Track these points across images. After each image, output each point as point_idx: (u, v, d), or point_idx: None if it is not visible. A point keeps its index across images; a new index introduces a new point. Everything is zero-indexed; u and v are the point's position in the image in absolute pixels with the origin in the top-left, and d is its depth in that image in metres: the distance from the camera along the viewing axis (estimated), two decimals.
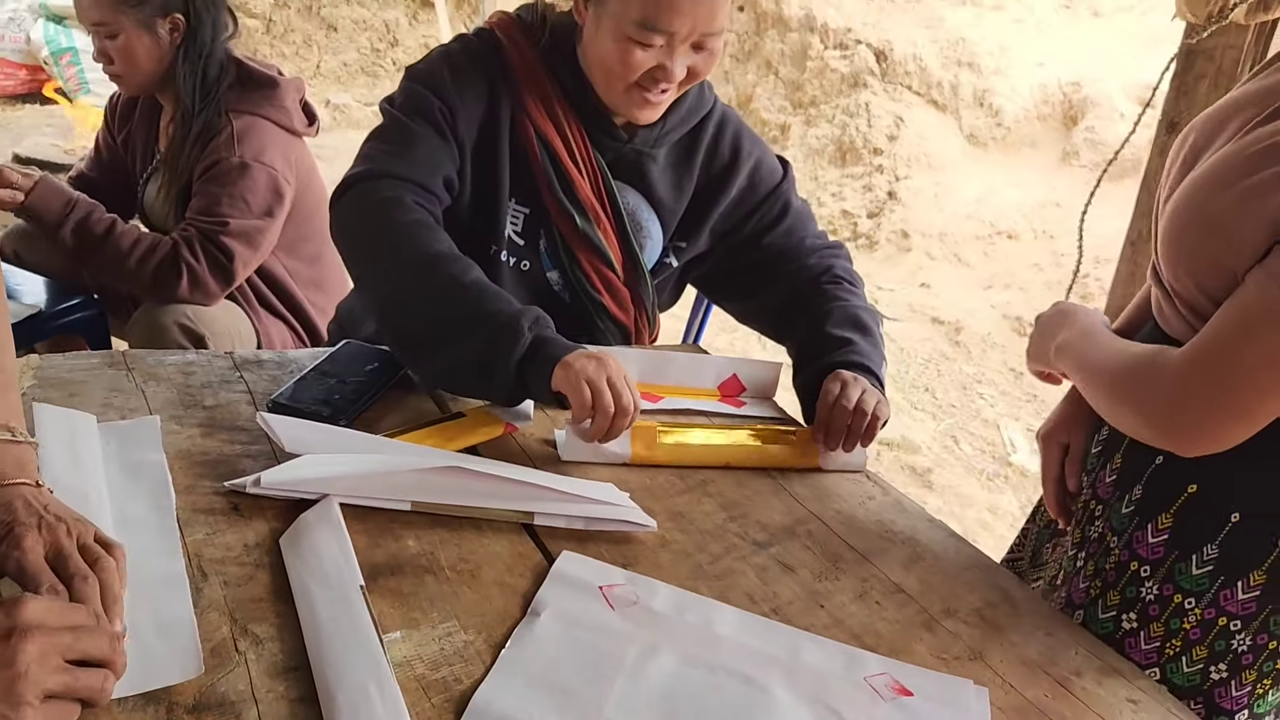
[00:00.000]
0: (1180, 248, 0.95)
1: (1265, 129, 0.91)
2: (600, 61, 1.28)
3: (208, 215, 1.82)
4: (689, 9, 1.20)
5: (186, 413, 1.09)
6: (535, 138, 1.33)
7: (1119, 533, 1.07)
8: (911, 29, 5.51)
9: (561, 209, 1.35)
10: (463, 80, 1.31)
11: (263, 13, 5.90)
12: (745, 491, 1.14)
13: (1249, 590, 0.99)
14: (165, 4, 1.85)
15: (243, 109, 1.87)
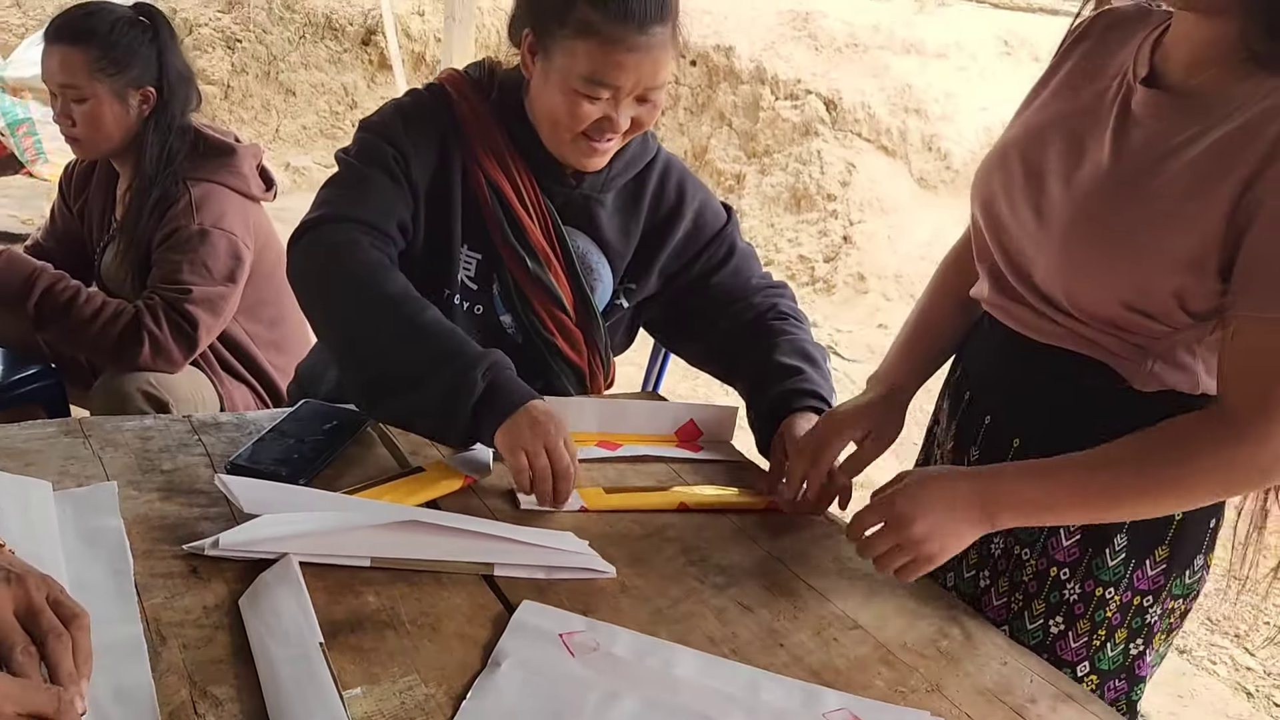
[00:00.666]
0: (1099, 267, 1.00)
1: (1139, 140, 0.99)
2: (547, 112, 1.32)
3: (170, 283, 1.83)
4: (633, 66, 1.25)
5: (144, 477, 1.09)
6: (486, 185, 1.37)
7: (1029, 544, 1.12)
8: (859, 78, 5.65)
9: (513, 253, 1.38)
10: (415, 130, 1.35)
11: (220, 79, 5.93)
12: (705, 535, 1.16)
13: (1156, 566, 1.08)
14: (140, 76, 1.87)
15: (200, 176, 1.89)
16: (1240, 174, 0.91)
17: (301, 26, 6.19)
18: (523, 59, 1.34)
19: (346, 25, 6.27)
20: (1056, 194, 1.04)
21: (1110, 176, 1.00)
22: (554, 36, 1.28)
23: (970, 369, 1.20)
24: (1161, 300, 0.98)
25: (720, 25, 6.08)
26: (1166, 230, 0.95)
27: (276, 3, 6.16)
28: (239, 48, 6.02)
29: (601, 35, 1.24)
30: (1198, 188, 0.93)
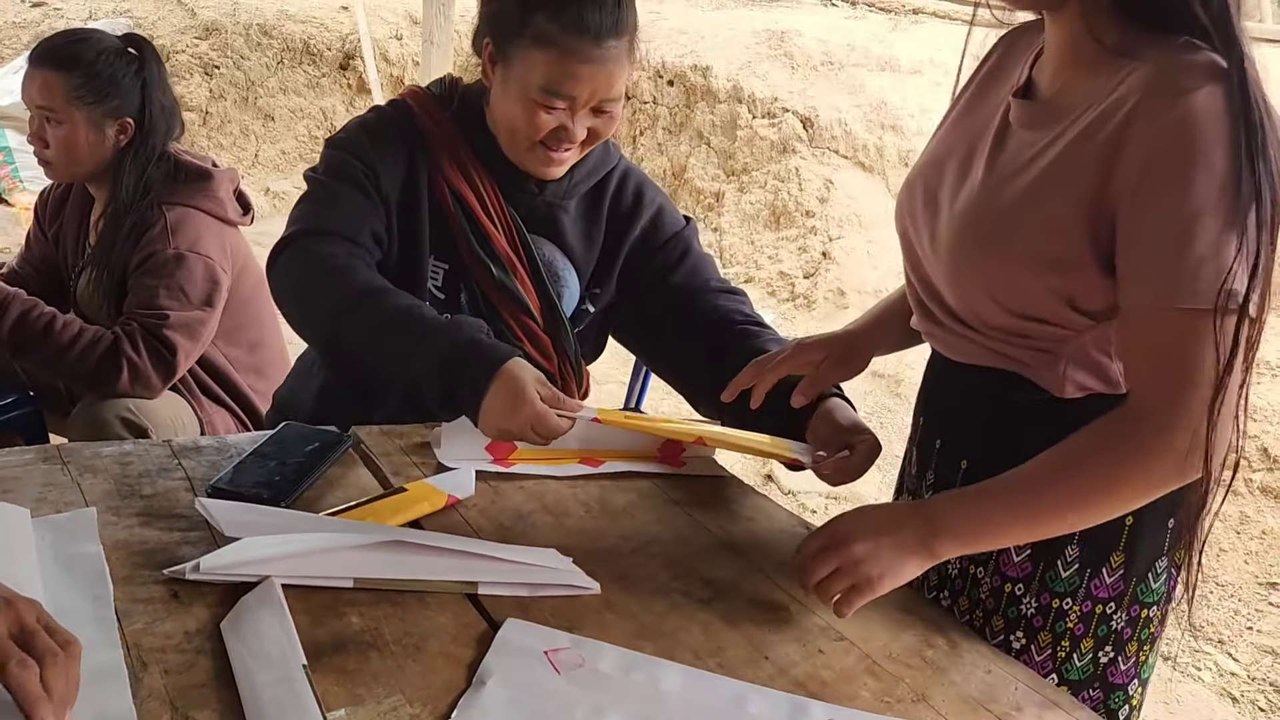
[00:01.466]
0: (978, 277, 1.02)
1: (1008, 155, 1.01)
2: (506, 121, 1.35)
3: (147, 308, 1.82)
4: (588, 77, 1.29)
5: (124, 503, 1.08)
6: (451, 195, 1.39)
7: (981, 563, 1.12)
8: (835, 95, 5.69)
9: (479, 261, 1.40)
10: (381, 143, 1.38)
11: (198, 105, 5.92)
12: (688, 549, 1.16)
13: (1113, 572, 1.08)
14: (120, 107, 1.86)
15: (176, 201, 1.88)
16: (1094, 168, 0.93)
17: (279, 52, 6.19)
18: (483, 68, 1.37)
19: (324, 50, 6.28)
20: (945, 215, 1.07)
21: (982, 189, 1.03)
22: (513, 46, 1.31)
23: (922, 395, 1.22)
24: (1046, 302, 0.99)
25: (697, 45, 6.12)
26: (1028, 231, 0.97)
27: (254, 29, 6.17)
28: (217, 74, 6.02)
29: (559, 47, 1.27)
30: (1051, 187, 0.96)
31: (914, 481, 1.21)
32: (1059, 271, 0.97)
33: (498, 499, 1.21)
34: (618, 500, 1.25)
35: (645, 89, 6.00)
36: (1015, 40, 1.13)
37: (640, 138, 6.07)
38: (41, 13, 6.10)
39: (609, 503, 1.24)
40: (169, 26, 6.07)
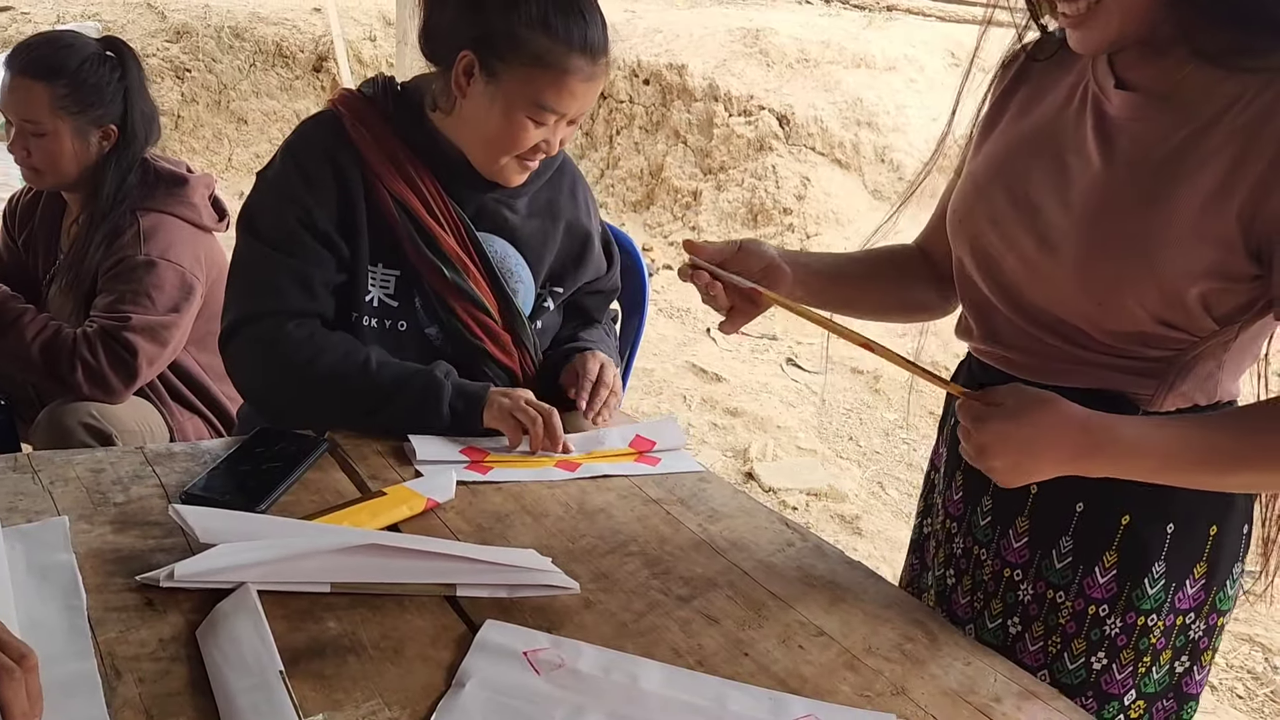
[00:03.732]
0: (1122, 283, 0.98)
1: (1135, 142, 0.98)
2: (484, 133, 1.35)
3: (110, 312, 1.80)
4: (584, 94, 1.33)
5: (96, 511, 1.07)
6: (393, 201, 1.38)
7: (985, 545, 1.13)
8: (811, 93, 5.71)
9: (429, 263, 1.39)
10: (310, 174, 1.37)
11: (171, 109, 5.87)
12: (667, 548, 1.16)
13: (1106, 573, 1.07)
14: (104, 115, 1.84)
15: (150, 207, 1.87)
16: (1250, 174, 0.91)
17: (252, 55, 6.15)
18: (455, 79, 1.34)
19: (297, 52, 6.24)
20: (1057, 217, 1.02)
21: (1109, 185, 0.99)
22: (505, 62, 1.30)
23: None
24: (1189, 308, 0.97)
25: (672, 44, 6.12)
26: (1189, 238, 0.94)
27: (225, 31, 6.12)
28: (188, 77, 5.97)
29: (559, 66, 1.29)
30: (1214, 192, 0.93)
31: (959, 507, 1.17)
32: (1217, 277, 0.95)
33: (476, 501, 1.20)
34: (596, 500, 1.25)
35: (621, 88, 6.00)
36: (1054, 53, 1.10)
37: (617, 137, 6.07)
38: (8, 17, 6.04)
39: (588, 503, 1.24)
40: (139, 30, 6.02)
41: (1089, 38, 0.96)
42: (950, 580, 1.18)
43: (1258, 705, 2.52)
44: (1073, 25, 0.96)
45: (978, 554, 1.14)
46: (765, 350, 4.42)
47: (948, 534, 1.18)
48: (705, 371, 4.11)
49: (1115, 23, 0.94)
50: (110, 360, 1.79)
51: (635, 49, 5.92)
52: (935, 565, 1.20)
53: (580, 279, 1.56)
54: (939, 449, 1.22)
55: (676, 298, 4.96)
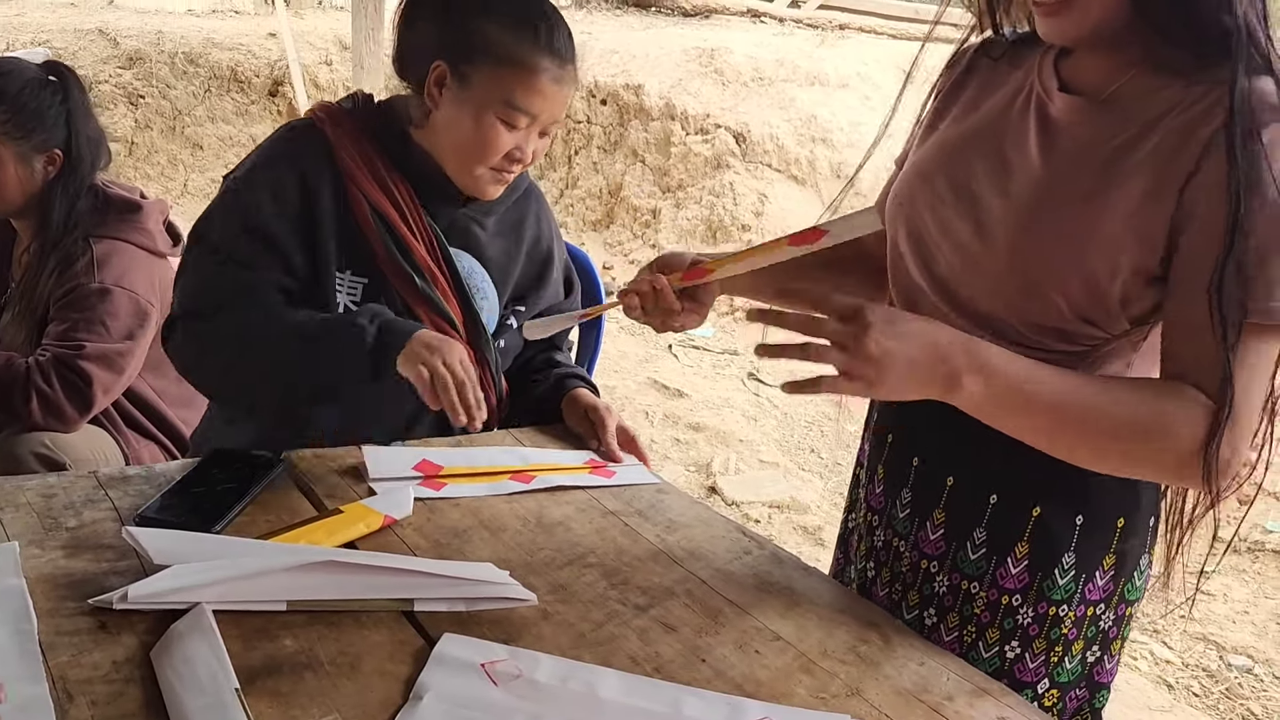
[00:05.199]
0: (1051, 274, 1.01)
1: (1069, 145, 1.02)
2: (459, 142, 1.37)
3: (64, 340, 1.78)
4: (552, 96, 1.35)
5: (48, 535, 1.06)
6: (370, 208, 1.39)
7: (904, 536, 1.16)
8: (766, 110, 5.78)
9: (400, 272, 1.40)
10: (275, 187, 1.37)
11: (124, 136, 5.82)
12: (625, 558, 1.17)
13: (1018, 563, 1.10)
14: (48, 140, 1.82)
15: (103, 233, 1.85)
16: (1179, 178, 0.95)
17: (206, 80, 6.11)
18: (428, 91, 1.37)
19: (253, 77, 6.21)
20: (996, 206, 1.05)
21: (1046, 181, 1.02)
22: (474, 65, 1.33)
23: (890, 411, 1.21)
24: (1110, 305, 1.00)
25: (628, 64, 6.17)
26: (1120, 236, 0.97)
27: (179, 57, 6.08)
28: (142, 104, 5.92)
29: (527, 65, 1.32)
30: (1144, 194, 0.97)
31: (880, 500, 1.20)
32: (1136, 263, 0.98)
33: (434, 517, 1.21)
34: (555, 513, 1.26)
35: (579, 108, 6.03)
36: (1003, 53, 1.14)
37: (575, 157, 6.09)
38: None
39: (546, 516, 1.25)
40: (90, 56, 5.96)
41: (1063, 26, 0.99)
42: (870, 573, 1.21)
43: (1213, 703, 2.56)
44: (1048, 14, 0.99)
45: (897, 546, 1.18)
46: (727, 365, 4.45)
47: (869, 527, 1.22)
48: (667, 387, 4.13)
49: (1093, 14, 0.97)
50: (65, 389, 1.77)
51: (592, 70, 5.96)
52: (857, 558, 1.23)
53: (541, 301, 1.58)
54: (864, 445, 1.25)
55: None
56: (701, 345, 4.67)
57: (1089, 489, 1.07)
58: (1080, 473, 1.05)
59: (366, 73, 5.46)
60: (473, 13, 1.34)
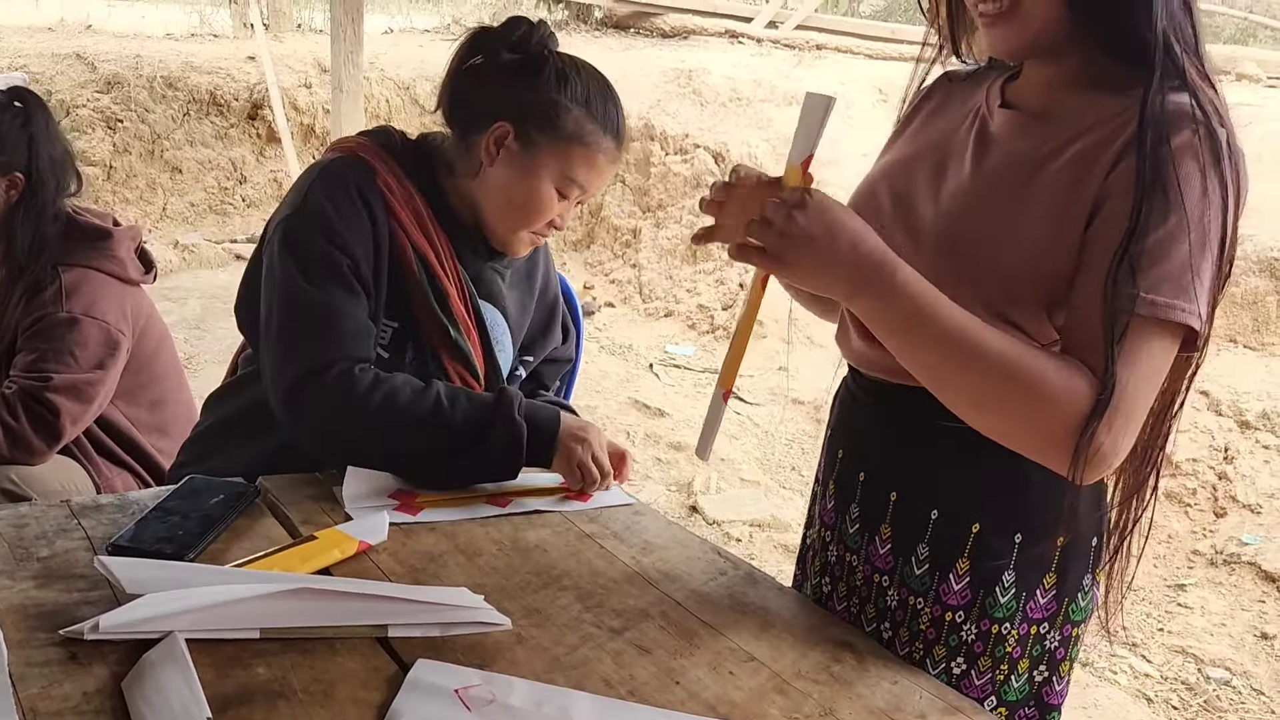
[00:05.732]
0: (971, 273, 1.03)
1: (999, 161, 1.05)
2: (510, 202, 1.39)
3: (32, 371, 1.77)
4: (606, 172, 1.42)
5: (19, 566, 1.06)
6: (413, 253, 1.38)
7: (855, 551, 1.18)
8: (744, 131, 5.82)
9: (435, 321, 1.40)
10: (349, 220, 1.34)
11: (102, 160, 5.79)
12: (600, 581, 1.17)
13: (960, 579, 1.11)
14: (7, 163, 1.80)
15: (72, 262, 1.83)
16: (1096, 181, 0.98)
17: (185, 104, 6.10)
18: (486, 146, 1.38)
19: (232, 100, 6.21)
20: (927, 213, 1.09)
21: (975, 189, 1.06)
22: (543, 134, 1.36)
23: (840, 427, 1.24)
24: (1033, 308, 1.02)
25: None
26: (1038, 239, 1.00)
27: (158, 81, 6.06)
28: (120, 128, 5.90)
29: (593, 144, 1.38)
30: (1064, 196, 1.00)
31: (831, 516, 1.22)
32: (1050, 271, 1.00)
33: (409, 542, 1.21)
34: (530, 537, 1.26)
35: None
36: (960, 83, 1.19)
37: None
38: None
39: (521, 540, 1.25)
40: (68, 81, 5.94)
41: (1006, 36, 1.02)
42: (826, 587, 1.22)
43: (1191, 715, 2.58)
44: (990, 24, 1.03)
45: (849, 560, 1.19)
46: (708, 384, 4.46)
47: (823, 542, 1.23)
48: (648, 407, 4.13)
49: (1033, 25, 1.00)
50: (32, 422, 1.75)
51: None
52: (812, 574, 1.24)
53: (546, 349, 1.61)
54: (820, 461, 1.27)
55: (619, 334, 4.99)
56: (682, 364, 4.69)
57: (1028, 507, 1.09)
58: (1019, 489, 1.08)
59: (346, 95, 5.45)
60: (550, 85, 1.36)
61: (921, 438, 1.11)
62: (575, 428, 1.36)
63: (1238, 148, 0.98)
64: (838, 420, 1.25)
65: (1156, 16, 0.97)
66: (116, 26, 7.69)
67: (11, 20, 7.47)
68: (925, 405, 1.07)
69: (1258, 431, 3.56)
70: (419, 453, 1.31)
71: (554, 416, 1.36)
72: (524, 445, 1.32)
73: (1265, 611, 2.98)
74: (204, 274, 5.37)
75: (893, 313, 0.96)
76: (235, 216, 6.07)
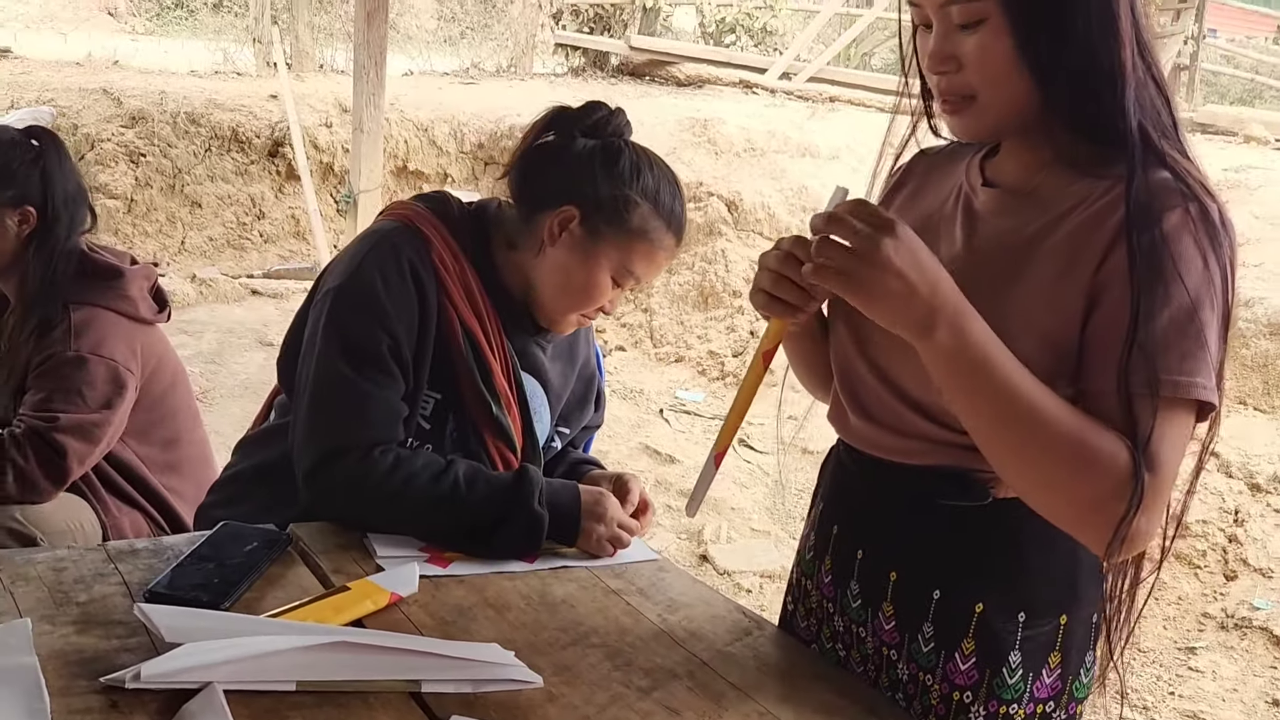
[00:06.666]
0: None
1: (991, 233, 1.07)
2: (566, 285, 1.41)
3: (39, 411, 1.77)
4: (663, 266, 1.46)
5: (59, 611, 1.07)
6: (460, 327, 1.39)
7: (860, 624, 1.18)
8: (758, 180, 5.89)
9: (478, 396, 1.40)
10: (396, 292, 1.35)
11: (124, 193, 5.86)
12: (628, 639, 1.18)
13: (966, 660, 1.11)
14: (20, 196, 1.80)
15: (83, 300, 1.83)
16: (1091, 264, 1.00)
17: (207, 140, 6.18)
18: (549, 228, 1.39)
19: (253, 138, 6.29)
20: None
21: (966, 266, 1.06)
22: (611, 226, 1.38)
23: (833, 501, 1.24)
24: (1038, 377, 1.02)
25: None
26: (1032, 320, 1.01)
27: (181, 117, 6.16)
28: (143, 162, 5.98)
29: (655, 241, 1.41)
30: (1057, 279, 1.01)
31: (830, 589, 1.21)
32: (1050, 348, 1.00)
33: (439, 594, 1.22)
34: (558, 591, 1.27)
35: None
36: (935, 164, 1.20)
37: None
38: None
39: (549, 594, 1.26)
40: (94, 115, 6.03)
41: (966, 125, 1.06)
42: (841, 652, 1.21)
43: None
44: (950, 112, 1.06)
45: (857, 632, 1.19)
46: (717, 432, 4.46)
47: (825, 612, 1.22)
48: (659, 453, 4.14)
49: (990, 116, 1.04)
50: (40, 462, 1.75)
51: None
52: (823, 639, 1.23)
53: (581, 421, 1.62)
54: (808, 533, 1.26)
55: (630, 379, 5.01)
56: (693, 410, 4.70)
57: (1030, 586, 1.09)
58: (1020, 569, 1.08)
59: (366, 135, 5.53)
60: (625, 180, 1.38)
61: (920, 517, 1.11)
62: (591, 504, 1.36)
63: (1229, 220, 1.00)
64: (830, 492, 1.25)
65: (1130, 111, 0.99)
66: (143, 62, 7.82)
67: (41, 54, 7.62)
68: (923, 483, 1.10)
69: (1269, 495, 3.56)
70: (436, 535, 1.33)
71: (574, 500, 1.36)
72: (543, 534, 1.33)
73: (1278, 678, 2.96)
74: (220, 308, 5.41)
75: (962, 359, 0.96)
76: (253, 252, 6.12)
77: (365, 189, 5.57)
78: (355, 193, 5.60)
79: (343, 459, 1.31)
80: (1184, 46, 8.37)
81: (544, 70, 9.25)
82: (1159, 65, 1.04)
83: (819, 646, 1.24)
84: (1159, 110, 1.02)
